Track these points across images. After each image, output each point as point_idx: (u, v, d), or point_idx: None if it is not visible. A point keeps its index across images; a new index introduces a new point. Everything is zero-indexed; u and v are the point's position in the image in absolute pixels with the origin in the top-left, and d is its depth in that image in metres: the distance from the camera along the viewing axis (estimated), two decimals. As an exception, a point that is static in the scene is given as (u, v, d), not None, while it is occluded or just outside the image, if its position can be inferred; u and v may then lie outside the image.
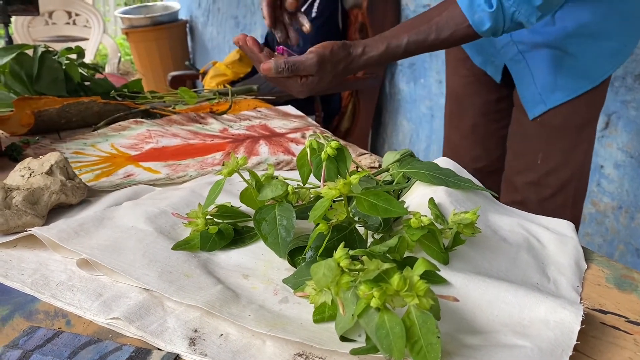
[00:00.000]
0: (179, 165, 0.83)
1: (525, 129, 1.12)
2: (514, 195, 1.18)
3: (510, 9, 0.80)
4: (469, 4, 0.81)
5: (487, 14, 0.79)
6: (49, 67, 1.23)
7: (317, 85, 0.82)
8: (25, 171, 0.64)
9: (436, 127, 2.38)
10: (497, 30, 0.82)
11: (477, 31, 0.81)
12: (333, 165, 0.58)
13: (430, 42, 0.84)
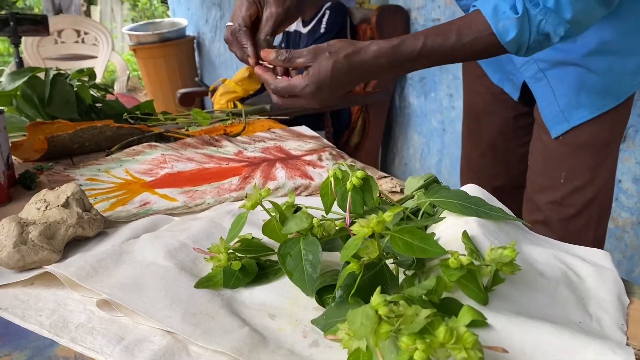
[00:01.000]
0: (196, 192, 0.81)
1: (548, 148, 1.09)
2: (536, 214, 1.15)
3: (537, 17, 0.75)
4: (494, 11, 0.76)
5: (512, 20, 0.75)
6: (60, 89, 1.22)
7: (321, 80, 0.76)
8: (41, 204, 0.62)
9: (447, 141, 2.36)
10: (522, 43, 0.77)
11: (501, 41, 0.76)
12: (359, 195, 0.56)
13: (449, 47, 0.78)
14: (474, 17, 0.79)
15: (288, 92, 0.77)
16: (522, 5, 0.74)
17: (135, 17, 10.10)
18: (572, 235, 1.10)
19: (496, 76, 1.18)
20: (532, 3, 0.75)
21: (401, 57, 0.77)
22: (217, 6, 4.57)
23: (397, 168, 2.72)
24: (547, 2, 0.74)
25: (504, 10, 0.75)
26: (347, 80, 0.77)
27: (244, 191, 0.82)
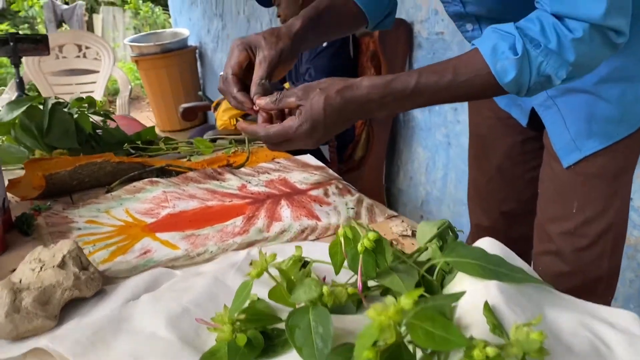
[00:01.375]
0: (198, 237, 0.78)
1: (559, 177, 1.06)
2: (548, 245, 1.12)
3: (538, 58, 0.72)
4: (492, 51, 0.73)
5: (512, 61, 0.72)
6: (59, 119, 1.20)
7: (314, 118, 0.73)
8: (36, 264, 0.59)
9: (453, 155, 2.33)
10: (522, 84, 0.74)
11: (500, 82, 0.73)
12: (371, 258, 0.53)
13: (445, 85, 0.75)
14: (472, 55, 0.76)
15: (282, 136, 0.74)
16: (522, 45, 0.71)
17: (137, 25, 10.11)
18: (585, 266, 1.07)
19: (503, 101, 1.15)
20: (532, 44, 0.71)
21: (394, 93, 0.74)
22: (218, 17, 4.56)
23: (401, 182, 2.68)
24: (548, 43, 0.71)
25: (503, 50, 0.72)
26: (341, 117, 0.75)
27: (248, 234, 0.78)
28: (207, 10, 4.77)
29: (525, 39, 0.72)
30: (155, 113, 5.14)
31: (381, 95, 0.75)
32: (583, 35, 0.70)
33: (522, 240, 1.33)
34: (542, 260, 1.14)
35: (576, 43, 0.71)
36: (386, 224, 0.80)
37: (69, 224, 0.84)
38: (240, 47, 0.83)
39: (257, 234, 0.78)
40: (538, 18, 0.73)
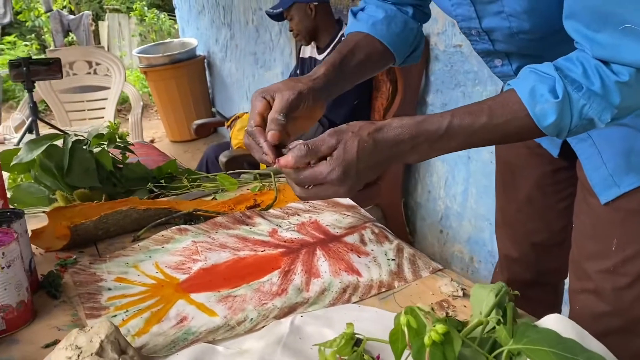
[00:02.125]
0: (235, 299, 0.74)
1: (596, 213, 1.01)
2: (586, 283, 1.07)
3: (580, 101, 0.67)
4: (530, 93, 0.69)
5: (552, 104, 0.67)
6: (79, 158, 1.16)
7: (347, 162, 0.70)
8: (73, 351, 0.55)
9: (473, 169, 2.28)
10: (563, 128, 0.69)
11: (539, 125, 0.69)
12: (438, 350, 0.49)
13: (479, 126, 0.70)
14: (508, 97, 0.72)
15: (312, 180, 0.71)
16: (562, 88, 0.67)
17: (143, 31, 10.11)
18: (626, 306, 1.01)
19: None
20: (573, 86, 0.67)
21: (426, 134, 0.71)
22: (227, 26, 4.52)
23: (420, 195, 2.64)
24: (592, 86, 0.67)
25: (542, 93, 0.68)
26: (373, 161, 0.71)
27: (287, 295, 0.74)
28: (215, 19, 4.74)
29: (566, 81, 0.68)
30: (164, 123, 5.12)
31: (412, 136, 0.71)
32: (629, 80, 0.67)
33: (553, 272, 1.28)
34: (580, 299, 1.08)
35: (621, 86, 0.67)
36: (433, 281, 0.76)
37: (97, 283, 0.80)
38: (259, 97, 0.81)
39: (297, 295, 0.74)
40: (579, 59, 0.69)
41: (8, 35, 9.23)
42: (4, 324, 0.68)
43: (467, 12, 0.84)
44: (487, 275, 2.29)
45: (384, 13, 0.98)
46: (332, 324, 0.66)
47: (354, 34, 0.98)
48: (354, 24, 0.99)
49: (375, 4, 1.01)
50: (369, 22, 0.97)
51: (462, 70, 2.22)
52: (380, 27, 0.98)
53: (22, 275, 0.70)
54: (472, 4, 0.82)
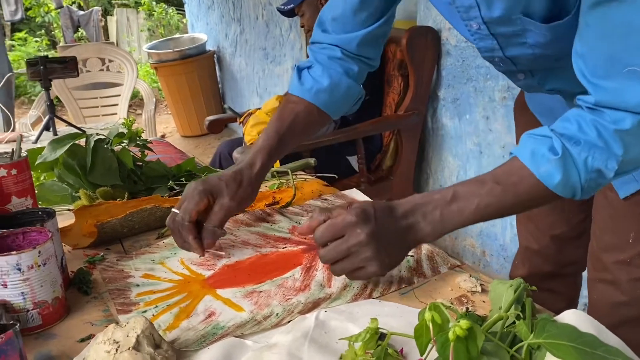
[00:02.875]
0: (260, 295, 0.77)
1: (615, 206, 1.03)
2: (604, 274, 1.09)
3: (581, 154, 0.67)
4: (531, 155, 0.70)
5: (554, 162, 0.68)
6: (102, 157, 1.19)
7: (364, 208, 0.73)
8: (111, 345, 0.58)
9: (485, 163, 2.29)
10: (574, 185, 0.69)
11: (549, 186, 0.69)
12: (462, 344, 0.51)
13: (485, 192, 0.71)
14: (512, 163, 0.73)
15: (331, 230, 0.73)
16: (560, 145, 0.68)
17: (151, 26, 10.14)
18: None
19: None
20: (571, 142, 0.68)
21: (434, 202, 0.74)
22: (236, 21, 4.54)
23: (431, 189, 2.65)
24: (587, 137, 0.67)
25: (543, 153, 0.69)
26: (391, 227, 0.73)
27: (311, 291, 0.77)
28: (225, 14, 4.76)
29: (563, 138, 0.69)
30: (175, 118, 5.16)
31: (421, 203, 0.74)
32: (632, 128, 0.66)
33: (573, 264, 1.31)
34: (598, 289, 1.11)
35: (622, 134, 0.67)
36: (452, 277, 0.78)
37: (126, 280, 0.83)
38: (202, 194, 0.85)
39: (319, 290, 0.77)
40: (575, 117, 0.70)
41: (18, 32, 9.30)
42: (40, 319, 0.71)
43: (490, 45, 0.85)
44: (499, 268, 2.31)
45: (328, 80, 1.00)
46: (355, 319, 0.69)
47: (294, 100, 1.01)
48: (298, 88, 1.01)
49: (323, 63, 1.02)
50: (312, 89, 1.00)
51: (474, 65, 2.22)
52: (323, 96, 1.01)
53: (57, 272, 0.73)
54: (495, 38, 0.83)
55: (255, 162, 0.93)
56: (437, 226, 0.73)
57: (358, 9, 0.97)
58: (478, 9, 0.79)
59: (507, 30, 0.81)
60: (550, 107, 1.06)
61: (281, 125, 0.97)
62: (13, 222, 0.81)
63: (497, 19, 0.79)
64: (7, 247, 0.74)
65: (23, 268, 0.68)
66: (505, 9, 0.76)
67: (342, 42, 1.00)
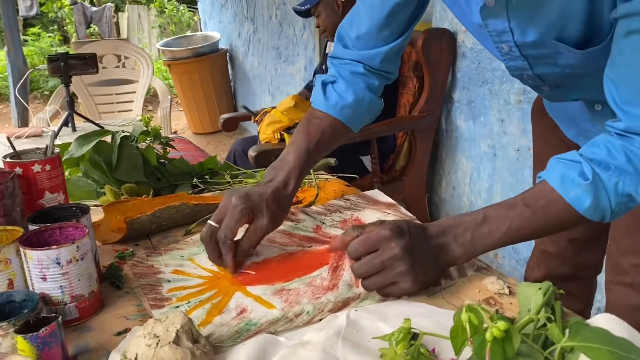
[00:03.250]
0: (290, 293, 0.78)
1: (633, 211, 1.04)
2: (622, 277, 1.10)
3: (611, 179, 0.69)
4: (561, 180, 0.71)
5: (584, 187, 0.69)
6: (127, 153, 1.21)
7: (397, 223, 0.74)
8: (152, 339, 0.60)
9: (499, 166, 2.30)
10: (604, 209, 0.70)
11: (578, 210, 0.70)
12: (499, 345, 0.52)
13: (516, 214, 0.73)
14: (541, 187, 0.74)
15: (364, 244, 0.74)
16: (590, 170, 0.69)
17: (162, 23, 10.18)
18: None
19: (571, 132, 1.13)
20: (601, 167, 0.69)
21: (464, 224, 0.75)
22: (249, 20, 4.56)
23: (444, 191, 2.66)
24: (617, 162, 0.68)
25: (573, 178, 0.70)
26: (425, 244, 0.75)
27: (339, 290, 0.78)
28: (238, 13, 4.78)
29: (592, 163, 0.70)
30: (187, 115, 5.19)
31: (452, 224, 0.76)
32: None
33: (589, 267, 1.32)
34: (616, 291, 1.13)
35: None
36: (478, 279, 0.79)
37: (156, 275, 0.85)
38: (244, 212, 0.84)
39: (348, 290, 0.78)
40: (604, 143, 0.71)
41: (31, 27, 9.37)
42: (77, 313, 0.73)
43: (520, 65, 0.86)
44: (511, 270, 2.31)
45: (353, 95, 1.02)
46: (385, 318, 0.70)
47: (320, 116, 1.02)
48: (323, 103, 1.02)
49: (347, 79, 1.03)
50: (337, 105, 1.01)
51: (490, 68, 2.23)
52: (348, 112, 1.02)
53: (93, 267, 0.75)
54: (525, 59, 0.84)
55: (289, 182, 0.93)
56: (468, 248, 0.75)
57: (383, 27, 0.98)
58: (511, 33, 0.79)
59: (538, 53, 0.81)
60: (571, 113, 1.07)
61: (309, 142, 0.98)
62: (48, 217, 0.83)
63: (530, 44, 0.80)
64: (44, 242, 0.75)
65: (62, 262, 0.70)
66: (539, 35, 0.77)
67: (365, 58, 1.01)
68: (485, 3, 0.76)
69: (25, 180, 0.87)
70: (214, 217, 0.85)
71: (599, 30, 0.74)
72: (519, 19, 0.77)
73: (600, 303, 1.86)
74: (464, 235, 0.74)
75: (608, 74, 0.72)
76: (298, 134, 1.00)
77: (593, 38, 0.75)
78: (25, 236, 0.73)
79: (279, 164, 0.95)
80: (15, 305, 0.67)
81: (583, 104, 0.99)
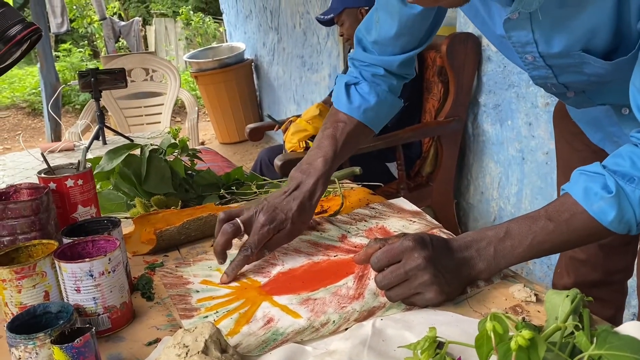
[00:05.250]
0: (316, 302, 0.79)
1: None
2: None
3: (636, 192, 0.68)
4: (584, 193, 0.71)
5: (607, 200, 0.68)
6: (156, 166, 1.24)
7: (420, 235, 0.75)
8: (181, 349, 0.61)
9: (527, 170, 2.27)
10: (629, 222, 0.69)
11: (603, 223, 0.70)
12: (524, 354, 0.52)
13: (539, 228, 0.73)
14: (564, 200, 0.73)
15: (387, 255, 0.75)
16: (614, 182, 0.69)
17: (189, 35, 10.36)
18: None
19: (597, 136, 1.11)
20: (625, 179, 0.68)
21: (487, 238, 0.75)
22: (274, 30, 4.61)
23: (472, 196, 2.64)
24: None
25: (596, 191, 0.69)
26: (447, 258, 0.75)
27: (365, 299, 0.79)
28: (262, 23, 4.84)
29: (616, 176, 0.69)
30: (214, 126, 5.26)
31: (475, 239, 0.76)
32: None
33: (620, 272, 1.29)
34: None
35: None
36: (505, 286, 0.79)
37: (185, 286, 0.87)
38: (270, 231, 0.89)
39: (374, 299, 0.79)
40: (628, 154, 0.70)
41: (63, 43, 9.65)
42: (110, 323, 0.75)
43: (544, 74, 0.86)
44: (542, 276, 2.27)
45: (375, 98, 1.04)
46: (411, 327, 0.70)
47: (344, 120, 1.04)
48: (347, 106, 1.04)
49: (369, 81, 1.05)
50: (360, 108, 1.04)
51: (516, 72, 2.21)
52: (370, 114, 1.04)
53: (124, 278, 0.77)
54: (550, 68, 0.83)
55: (315, 191, 0.95)
56: (491, 262, 0.75)
57: (399, 36, 1.00)
58: (535, 45, 0.79)
59: (564, 62, 0.81)
60: (597, 117, 1.06)
61: (336, 147, 1.00)
62: (81, 230, 0.86)
63: (555, 54, 0.79)
64: (77, 255, 0.78)
65: (95, 274, 0.72)
66: (564, 46, 0.77)
67: (384, 63, 1.04)
68: (508, 16, 0.76)
69: (58, 194, 0.91)
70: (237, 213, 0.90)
71: (626, 40, 0.73)
72: (544, 30, 0.76)
73: (635, 308, 1.81)
74: (486, 250, 0.74)
75: (634, 83, 0.71)
76: (324, 138, 1.02)
77: (620, 48, 0.74)
78: (60, 249, 0.76)
79: (306, 169, 0.97)
80: (51, 317, 0.69)
81: (610, 107, 0.97)
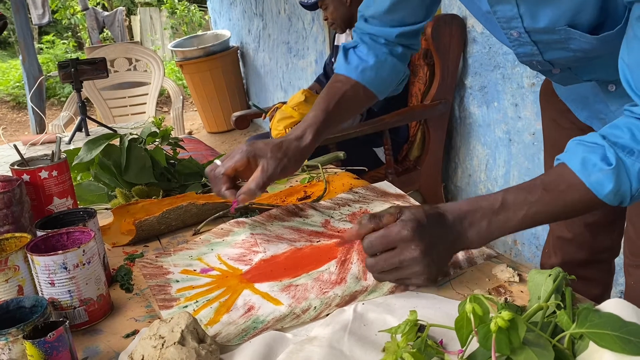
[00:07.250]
0: (297, 288, 0.78)
1: None
2: None
3: (635, 165, 0.66)
4: (582, 164, 0.69)
5: (606, 172, 0.67)
6: (136, 156, 1.22)
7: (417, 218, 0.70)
8: (157, 340, 0.60)
9: (515, 152, 2.27)
10: (623, 195, 0.68)
11: (598, 195, 0.68)
12: (504, 335, 0.51)
13: (535, 200, 0.71)
14: (561, 171, 0.71)
15: (382, 240, 0.71)
16: (614, 155, 0.67)
17: (174, 24, 10.23)
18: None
19: (583, 114, 1.10)
20: (625, 151, 0.67)
21: (481, 210, 0.72)
22: (259, 16, 4.56)
23: (460, 179, 2.63)
24: None
25: (595, 163, 0.68)
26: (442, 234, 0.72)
27: (347, 284, 0.78)
28: (247, 10, 4.78)
29: (616, 147, 0.67)
30: (201, 115, 5.21)
31: (469, 210, 0.73)
32: None
33: (607, 250, 1.29)
34: (635, 274, 1.11)
35: None
36: (488, 267, 0.78)
37: (165, 276, 0.85)
38: (243, 155, 0.93)
39: (355, 283, 0.78)
40: (626, 125, 0.69)
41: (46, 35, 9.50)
42: (87, 316, 0.73)
43: (530, 51, 0.84)
44: (531, 257, 2.28)
45: (374, 58, 1.03)
46: (393, 311, 0.69)
47: (341, 80, 1.03)
48: (344, 67, 1.04)
49: (368, 44, 1.05)
50: (358, 68, 1.02)
51: (501, 52, 2.19)
52: (369, 74, 1.03)
53: (100, 270, 0.75)
54: (535, 44, 0.82)
55: (304, 136, 0.96)
56: (483, 235, 0.73)
57: (390, 12, 1.00)
58: (520, 20, 0.77)
59: (549, 38, 0.79)
60: (584, 95, 1.04)
61: (329, 103, 0.99)
62: (56, 222, 0.84)
63: (541, 29, 0.78)
64: (52, 247, 0.76)
65: (69, 267, 0.70)
66: (550, 20, 0.75)
67: (383, 33, 1.04)
68: None
69: (33, 187, 0.88)
70: (222, 159, 0.95)
71: (613, 14, 0.71)
72: (529, 4, 0.75)
73: (622, 286, 1.82)
74: (480, 223, 0.72)
75: (623, 58, 0.70)
76: (319, 98, 1.02)
77: (606, 22, 0.73)
78: (33, 242, 0.74)
79: (297, 125, 0.99)
80: (26, 311, 0.68)
81: (596, 84, 0.96)
